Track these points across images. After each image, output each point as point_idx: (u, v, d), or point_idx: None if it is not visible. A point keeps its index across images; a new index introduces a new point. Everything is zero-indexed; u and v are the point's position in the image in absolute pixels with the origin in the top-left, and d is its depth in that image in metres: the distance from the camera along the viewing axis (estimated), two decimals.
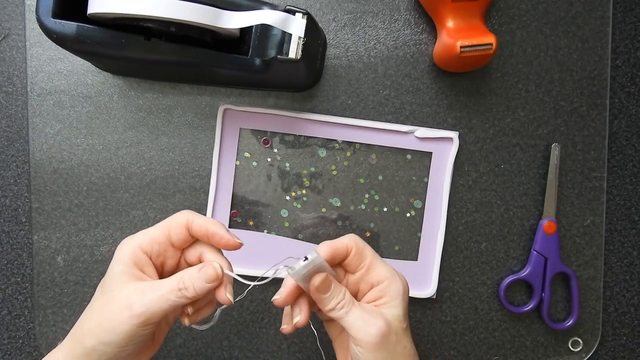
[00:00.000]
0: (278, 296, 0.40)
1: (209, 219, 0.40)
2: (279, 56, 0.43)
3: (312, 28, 0.43)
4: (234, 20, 0.41)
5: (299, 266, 0.38)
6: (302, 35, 0.42)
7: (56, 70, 0.54)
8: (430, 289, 0.54)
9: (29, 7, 0.53)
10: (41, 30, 0.43)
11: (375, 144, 0.54)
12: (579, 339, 0.56)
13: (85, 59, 0.52)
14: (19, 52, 0.55)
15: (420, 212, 0.55)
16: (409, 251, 0.55)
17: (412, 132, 0.54)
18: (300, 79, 0.50)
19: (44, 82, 0.54)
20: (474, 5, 0.49)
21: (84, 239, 0.54)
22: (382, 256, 0.49)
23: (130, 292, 0.37)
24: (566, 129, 0.55)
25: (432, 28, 0.54)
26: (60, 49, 0.48)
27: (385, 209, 0.55)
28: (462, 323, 0.55)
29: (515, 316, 0.55)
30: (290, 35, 0.42)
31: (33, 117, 0.54)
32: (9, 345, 0.56)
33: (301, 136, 0.54)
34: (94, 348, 0.37)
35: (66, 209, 0.54)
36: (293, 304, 0.41)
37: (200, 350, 0.55)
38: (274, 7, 0.43)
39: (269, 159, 0.55)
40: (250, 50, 0.44)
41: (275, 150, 0.54)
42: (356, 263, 0.41)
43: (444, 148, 0.54)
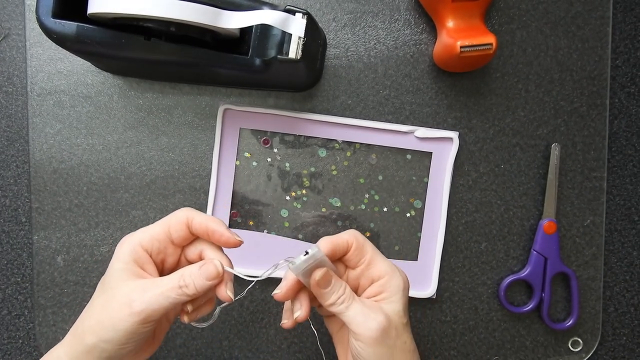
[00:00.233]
0: (278, 290, 0.40)
1: (209, 217, 0.40)
2: (279, 56, 0.43)
3: (312, 28, 0.43)
4: (234, 20, 0.41)
5: (299, 260, 0.38)
6: (302, 35, 0.42)
7: (56, 70, 0.54)
8: (430, 289, 0.54)
9: (29, 7, 0.54)
10: (41, 30, 0.43)
11: (375, 144, 0.54)
12: (579, 339, 0.56)
13: (85, 59, 0.52)
14: (19, 52, 0.55)
15: (420, 212, 0.55)
16: (409, 251, 0.55)
17: (412, 132, 0.54)
18: (300, 79, 0.50)
19: (44, 82, 0.54)
20: (474, 5, 0.50)
21: (84, 239, 0.54)
22: None
23: (131, 290, 0.37)
24: (566, 129, 0.55)
25: (432, 28, 0.54)
26: (60, 49, 0.48)
27: (385, 209, 0.55)
28: (462, 323, 0.55)
29: (515, 316, 0.55)
30: (290, 35, 0.42)
31: (33, 117, 0.54)
32: (9, 345, 0.56)
33: (301, 136, 0.54)
34: (95, 345, 0.37)
35: (66, 209, 0.54)
36: (293, 298, 0.41)
37: (200, 350, 0.55)
38: (274, 7, 0.43)
39: (269, 159, 0.55)
40: (250, 50, 0.44)
41: (275, 150, 0.54)
42: (356, 258, 0.41)
43: (444, 148, 0.54)
